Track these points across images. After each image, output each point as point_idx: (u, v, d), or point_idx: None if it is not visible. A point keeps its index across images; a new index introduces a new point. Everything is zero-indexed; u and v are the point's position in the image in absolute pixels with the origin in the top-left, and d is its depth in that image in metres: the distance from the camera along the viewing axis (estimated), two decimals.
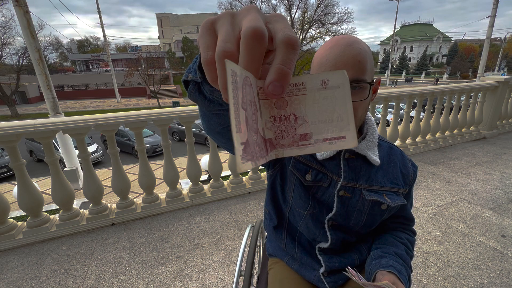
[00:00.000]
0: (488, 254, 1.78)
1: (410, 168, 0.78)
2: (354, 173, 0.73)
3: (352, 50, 0.59)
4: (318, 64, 0.63)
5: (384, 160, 0.75)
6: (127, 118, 2.06)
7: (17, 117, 21.23)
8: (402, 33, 68.10)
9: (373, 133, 0.74)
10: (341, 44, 0.60)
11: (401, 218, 0.82)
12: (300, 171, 0.76)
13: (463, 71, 46.15)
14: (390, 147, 0.79)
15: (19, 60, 22.88)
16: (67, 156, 6.97)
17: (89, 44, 64.51)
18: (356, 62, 0.59)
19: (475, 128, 4.21)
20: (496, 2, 12.83)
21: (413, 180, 0.79)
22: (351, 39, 0.61)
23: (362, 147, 0.72)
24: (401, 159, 0.78)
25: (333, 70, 0.30)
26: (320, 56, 0.63)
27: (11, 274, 1.73)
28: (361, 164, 0.73)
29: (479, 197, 2.50)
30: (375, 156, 0.73)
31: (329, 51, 0.61)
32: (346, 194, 0.73)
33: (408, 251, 0.77)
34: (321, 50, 0.63)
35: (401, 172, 0.76)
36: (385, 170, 0.75)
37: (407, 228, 0.84)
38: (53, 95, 5.97)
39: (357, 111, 0.63)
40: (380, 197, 0.72)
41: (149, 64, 25.67)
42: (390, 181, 0.74)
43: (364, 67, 0.60)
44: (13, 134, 1.77)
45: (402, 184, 0.76)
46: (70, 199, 2.12)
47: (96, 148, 11.11)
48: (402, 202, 0.75)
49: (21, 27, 5.41)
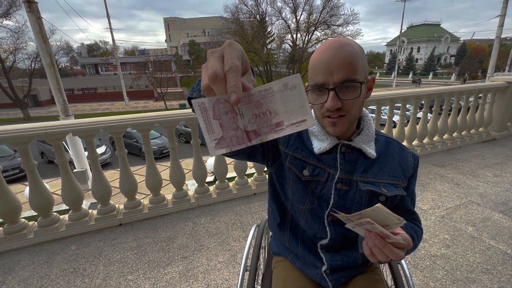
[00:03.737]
0: (498, 258, 1.74)
1: (410, 161, 0.79)
2: (350, 165, 0.75)
3: (342, 52, 0.62)
4: (313, 67, 0.67)
5: (381, 154, 0.77)
6: (134, 120, 2.10)
7: (29, 120, 21.80)
8: (409, 34, 67.28)
9: (369, 128, 0.76)
10: (333, 48, 0.63)
11: (401, 211, 0.80)
12: (297, 166, 0.78)
13: (472, 71, 45.25)
14: (387, 141, 0.80)
15: (31, 64, 23.54)
16: (77, 158, 7.12)
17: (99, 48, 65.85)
18: (347, 64, 0.62)
19: (484, 129, 4.12)
20: (505, 1, 12.57)
21: (414, 173, 0.79)
22: (342, 42, 0.64)
23: (357, 141, 0.74)
24: (399, 153, 0.79)
25: (292, 75, 0.40)
26: (314, 59, 0.66)
27: (22, 272, 1.78)
28: (357, 157, 0.75)
29: (488, 200, 2.45)
30: (371, 149, 0.75)
31: (322, 54, 0.64)
32: (343, 187, 0.75)
33: (411, 229, 0.75)
34: (315, 54, 0.67)
35: (399, 165, 0.77)
36: (382, 163, 0.76)
37: (410, 220, 0.82)
38: (63, 98, 6.12)
39: (351, 108, 0.67)
40: (377, 187, 0.73)
41: (157, 67, 26.03)
42: (388, 174, 0.75)
43: (355, 68, 0.63)
44: (25, 136, 1.83)
45: (401, 177, 0.76)
46: (79, 199, 2.17)
47: (104, 150, 11.29)
48: (400, 193, 0.75)
49: (34, 33, 5.57)
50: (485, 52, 51.65)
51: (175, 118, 2.21)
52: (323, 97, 0.66)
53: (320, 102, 0.67)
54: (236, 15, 27.38)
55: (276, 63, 33.42)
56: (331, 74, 0.63)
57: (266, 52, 27.66)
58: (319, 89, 0.66)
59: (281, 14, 28.06)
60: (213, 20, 51.37)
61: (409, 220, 0.80)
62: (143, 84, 29.03)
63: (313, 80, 0.67)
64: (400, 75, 52.71)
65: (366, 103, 2.92)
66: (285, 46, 30.99)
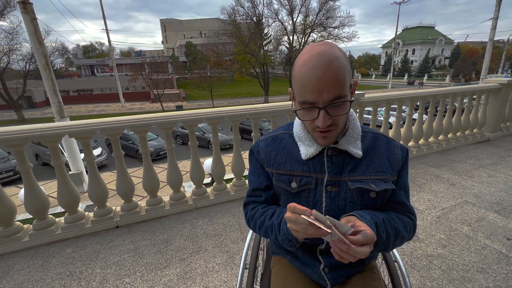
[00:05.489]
0: (493, 257, 1.77)
1: (397, 154, 0.79)
2: (337, 167, 0.76)
3: (332, 70, 0.62)
4: (301, 84, 0.65)
5: (369, 150, 0.78)
6: (131, 121, 2.09)
7: (23, 122, 21.54)
8: (404, 36, 68.04)
9: (353, 128, 0.77)
10: (321, 65, 0.62)
11: (393, 203, 0.81)
12: (284, 182, 0.80)
13: (466, 73, 45.89)
14: (375, 137, 0.81)
15: (26, 66, 23.28)
16: (72, 160, 7.05)
17: (94, 50, 65.42)
18: (337, 82, 0.63)
19: (478, 131, 4.18)
20: (498, 4, 12.80)
21: (403, 165, 0.80)
22: (329, 56, 0.62)
23: (343, 143, 0.75)
24: (387, 147, 0.80)
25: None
26: (302, 77, 0.65)
27: (17, 276, 1.75)
28: (344, 158, 0.77)
29: (483, 200, 2.48)
30: (356, 149, 0.76)
31: (310, 72, 0.63)
32: (334, 189, 0.76)
33: (392, 220, 0.75)
34: (301, 69, 0.65)
35: (387, 160, 0.78)
36: (370, 159, 0.77)
37: (401, 212, 0.81)
38: (59, 100, 6.07)
39: (340, 121, 0.70)
40: (366, 184, 0.75)
41: (153, 68, 25.95)
42: (376, 170, 0.76)
43: (344, 83, 0.64)
44: (20, 138, 1.81)
45: (390, 171, 0.77)
46: (75, 202, 2.15)
47: (101, 152, 11.20)
48: (389, 187, 0.76)
49: (28, 34, 5.53)
50: (479, 54, 52.44)
51: (172, 119, 2.20)
52: (312, 114, 0.68)
53: (310, 119, 0.69)
54: (233, 16, 27.47)
55: (273, 65, 33.53)
56: (321, 94, 0.63)
57: (263, 53, 27.76)
58: (309, 108, 0.67)
59: (278, 16, 28.26)
60: (209, 21, 51.47)
61: (401, 212, 0.80)
62: (140, 85, 28.92)
63: (302, 97, 0.66)
64: (395, 76, 53.23)
65: (363, 105, 2.96)
66: (282, 48, 31.20)
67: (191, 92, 32.90)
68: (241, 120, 2.47)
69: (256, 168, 0.88)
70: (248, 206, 0.90)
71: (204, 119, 2.32)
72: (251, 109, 2.44)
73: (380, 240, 0.68)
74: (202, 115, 2.30)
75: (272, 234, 0.77)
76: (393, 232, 0.72)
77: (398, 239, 0.74)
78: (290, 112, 2.56)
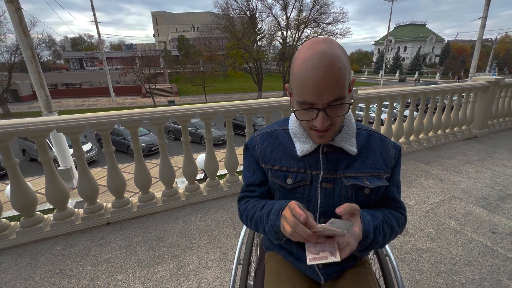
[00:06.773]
0: (479, 251, 1.83)
1: (391, 152, 0.81)
2: (333, 164, 0.77)
3: (333, 72, 0.60)
4: (301, 84, 0.63)
5: (363, 148, 0.79)
6: (122, 116, 2.05)
7: (9, 116, 20.86)
8: (396, 34, 68.72)
9: (349, 125, 0.78)
10: (323, 66, 0.60)
11: (386, 200, 0.83)
12: (279, 178, 0.80)
13: (455, 71, 46.81)
14: (369, 134, 0.82)
15: (10, 58, 22.41)
16: (61, 155, 6.89)
17: (83, 42, 63.59)
18: (338, 84, 0.62)
19: (466, 127, 4.29)
20: (487, 4, 13.04)
21: (396, 162, 0.81)
22: (331, 56, 0.60)
23: (338, 140, 0.76)
24: (380, 144, 0.81)
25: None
26: (302, 76, 0.63)
27: (4, 275, 1.71)
28: (339, 155, 0.77)
29: (470, 195, 2.55)
30: (351, 146, 0.76)
31: (311, 72, 0.61)
32: (329, 185, 0.77)
33: (388, 218, 0.77)
34: (301, 67, 0.63)
35: (381, 157, 0.79)
36: (364, 156, 0.78)
37: (394, 208, 0.84)
38: (46, 93, 5.89)
39: (338, 121, 0.69)
40: (360, 181, 0.76)
41: (144, 62, 25.44)
42: (370, 167, 0.77)
43: (344, 85, 0.63)
44: (6, 132, 1.75)
45: (383, 168, 0.79)
46: (64, 198, 2.10)
47: (90, 147, 10.99)
48: (382, 184, 0.77)
49: (13, 24, 5.32)
50: (468, 53, 53.52)
51: (164, 114, 2.17)
52: (311, 114, 0.67)
53: (308, 119, 0.68)
54: (226, 11, 27.07)
55: (266, 60, 33.36)
56: (321, 96, 0.62)
57: (256, 49, 27.55)
58: (308, 108, 0.66)
59: (272, 11, 28.02)
60: (202, 15, 50.58)
61: (394, 208, 0.83)
62: (131, 79, 28.36)
63: (300, 97, 0.65)
64: (387, 74, 53.85)
65: (355, 101, 2.97)
66: (275, 43, 31.01)
67: (184, 87, 32.44)
68: (234, 116, 2.45)
69: (251, 163, 0.88)
70: (242, 201, 0.90)
71: (197, 114, 2.29)
72: (245, 105, 2.42)
73: (376, 243, 0.71)
74: (195, 111, 2.27)
75: (261, 225, 0.77)
76: (389, 231, 0.75)
77: (392, 235, 0.77)
78: (284, 107, 2.56)
